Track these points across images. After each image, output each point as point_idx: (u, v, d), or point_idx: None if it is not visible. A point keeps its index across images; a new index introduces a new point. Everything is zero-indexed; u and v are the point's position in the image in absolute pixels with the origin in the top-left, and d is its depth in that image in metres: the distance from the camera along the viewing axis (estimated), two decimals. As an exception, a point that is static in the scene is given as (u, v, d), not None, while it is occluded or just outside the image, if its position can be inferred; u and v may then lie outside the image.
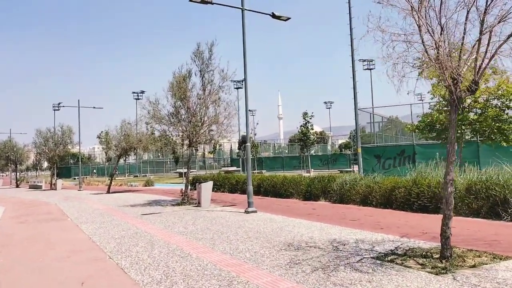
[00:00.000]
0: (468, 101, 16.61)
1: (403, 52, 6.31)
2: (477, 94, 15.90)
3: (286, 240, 8.40)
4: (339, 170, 49.28)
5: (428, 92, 17.46)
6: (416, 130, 18.12)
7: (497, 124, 16.18)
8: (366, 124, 29.52)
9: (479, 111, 16.85)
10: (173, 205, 16.99)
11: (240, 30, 14.42)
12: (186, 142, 17.43)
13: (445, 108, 17.02)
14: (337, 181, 15.35)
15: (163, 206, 16.64)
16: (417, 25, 6.24)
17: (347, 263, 6.32)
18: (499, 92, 15.93)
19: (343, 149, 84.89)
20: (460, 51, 5.94)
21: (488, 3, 5.48)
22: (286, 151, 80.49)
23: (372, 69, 56.02)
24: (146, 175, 65.43)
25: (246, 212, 13.21)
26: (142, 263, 7.06)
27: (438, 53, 5.90)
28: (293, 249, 7.51)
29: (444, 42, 5.85)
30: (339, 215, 11.92)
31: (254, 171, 49.40)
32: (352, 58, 26.03)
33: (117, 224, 12.09)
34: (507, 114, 16.59)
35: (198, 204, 15.94)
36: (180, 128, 17.14)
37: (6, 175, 72.42)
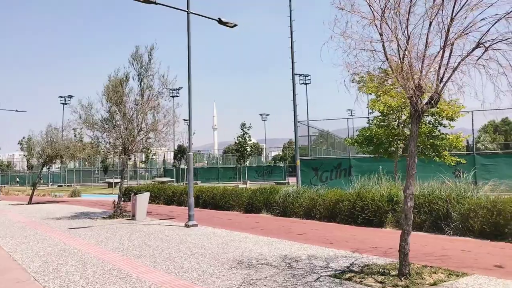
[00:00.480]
0: (403, 117, 17.22)
1: (366, 62, 6.11)
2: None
3: (235, 257, 7.84)
4: (274, 182, 49.56)
5: (367, 107, 17.87)
6: (355, 144, 18.43)
7: (431, 140, 16.86)
8: (301, 137, 29.91)
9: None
10: (104, 218, 15.74)
11: (184, 35, 13.79)
12: (120, 149, 16.31)
13: (383, 123, 17.52)
14: (280, 193, 15.06)
15: (93, 219, 15.34)
16: (379, 33, 6.08)
17: (305, 283, 5.90)
18: (433, 109, 16.65)
19: (277, 161, 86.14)
20: (422, 62, 5.83)
21: (453, 15, 5.40)
22: (221, 162, 79.98)
23: (308, 83, 57.45)
24: (71, 185, 61.61)
25: (187, 226, 12.46)
26: (74, 285, 6.15)
27: (402, 62, 5.75)
28: (244, 267, 6.97)
29: (409, 51, 5.71)
30: (284, 229, 11.57)
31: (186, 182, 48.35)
32: (292, 71, 26.26)
33: (42, 239, 10.81)
34: (439, 130, 17.37)
35: (133, 217, 14.87)
36: (114, 135, 16.00)
37: None
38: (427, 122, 17.34)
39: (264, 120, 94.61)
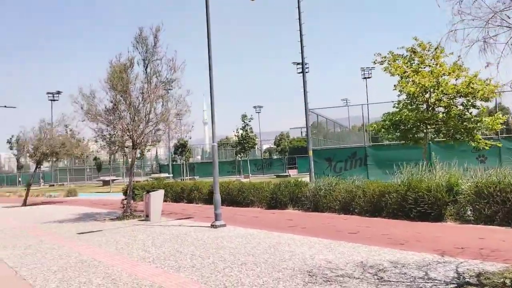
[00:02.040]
0: (432, 100, 15.85)
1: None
2: (449, 90, 15.19)
3: (299, 266, 6.37)
4: (275, 175, 48.24)
5: (394, 89, 16.44)
6: (382, 130, 17.00)
7: (464, 123, 15.53)
8: (297, 128, 28.44)
9: (442, 109, 16.16)
10: (112, 219, 14.17)
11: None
12: (129, 143, 14.71)
13: (410, 107, 16.15)
14: (309, 186, 13.61)
15: (101, 222, 13.77)
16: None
17: (425, 304, 4.46)
18: (468, 89, 15.29)
19: (272, 154, 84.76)
20: None
21: None
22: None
23: (307, 72, 55.78)
24: (63, 184, 59.61)
25: (214, 226, 10.94)
26: (112, 318, 4.63)
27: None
28: (321, 281, 5.51)
29: None
30: (329, 227, 10.13)
31: (186, 177, 46.58)
32: (302, 55, 24.82)
33: (50, 248, 9.22)
34: (470, 113, 16.04)
35: (146, 217, 13.31)
36: (120, 127, 14.37)
37: None
38: (459, 103, 16.01)
39: (258, 113, 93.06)
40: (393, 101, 18.39)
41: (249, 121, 38.40)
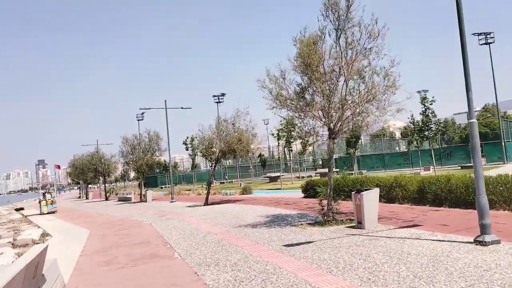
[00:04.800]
0: None
1: None
2: None
3: None
4: (459, 166, 41.37)
5: None
6: None
7: None
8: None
9: None
10: (310, 224, 11.76)
11: None
12: (324, 132, 12.11)
13: None
14: None
15: (299, 227, 11.43)
16: None
17: None
18: None
19: (440, 143, 75.29)
20: None
21: None
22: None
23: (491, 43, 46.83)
24: (231, 181, 61.76)
25: (481, 243, 7.44)
26: None
27: None
28: None
29: None
30: None
31: (352, 172, 42.89)
32: None
33: (264, 270, 6.96)
34: None
35: (359, 224, 10.46)
36: (316, 113, 11.84)
37: (96, 188, 72.65)
38: None
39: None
40: None
41: (431, 104, 33.05)
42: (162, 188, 62.65)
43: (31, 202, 58.53)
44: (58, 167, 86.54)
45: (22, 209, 38.73)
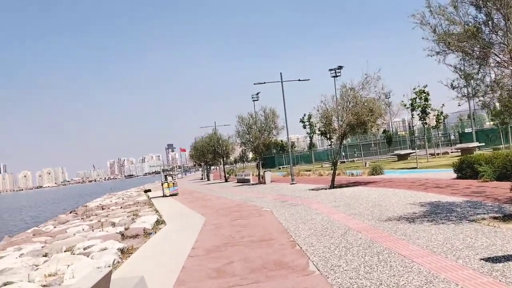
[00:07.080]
0: None
1: None
2: None
3: None
4: None
5: None
6: None
7: None
8: None
9: None
10: (495, 218, 8.10)
11: None
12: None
13: None
14: None
15: (480, 223, 7.82)
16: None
17: None
18: None
19: None
20: None
21: None
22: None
23: None
24: (353, 160, 57.63)
25: None
26: None
27: None
28: None
29: None
30: None
31: (502, 146, 35.74)
32: None
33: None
34: None
35: None
36: (504, 58, 7.97)
37: (216, 169, 74.19)
38: None
39: None
40: None
41: None
42: (280, 168, 61.13)
43: (157, 184, 61.61)
44: (184, 150, 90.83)
45: (149, 190, 40.01)
